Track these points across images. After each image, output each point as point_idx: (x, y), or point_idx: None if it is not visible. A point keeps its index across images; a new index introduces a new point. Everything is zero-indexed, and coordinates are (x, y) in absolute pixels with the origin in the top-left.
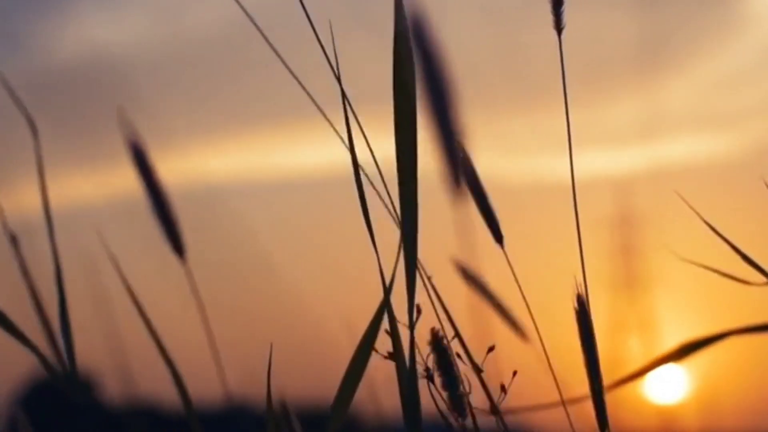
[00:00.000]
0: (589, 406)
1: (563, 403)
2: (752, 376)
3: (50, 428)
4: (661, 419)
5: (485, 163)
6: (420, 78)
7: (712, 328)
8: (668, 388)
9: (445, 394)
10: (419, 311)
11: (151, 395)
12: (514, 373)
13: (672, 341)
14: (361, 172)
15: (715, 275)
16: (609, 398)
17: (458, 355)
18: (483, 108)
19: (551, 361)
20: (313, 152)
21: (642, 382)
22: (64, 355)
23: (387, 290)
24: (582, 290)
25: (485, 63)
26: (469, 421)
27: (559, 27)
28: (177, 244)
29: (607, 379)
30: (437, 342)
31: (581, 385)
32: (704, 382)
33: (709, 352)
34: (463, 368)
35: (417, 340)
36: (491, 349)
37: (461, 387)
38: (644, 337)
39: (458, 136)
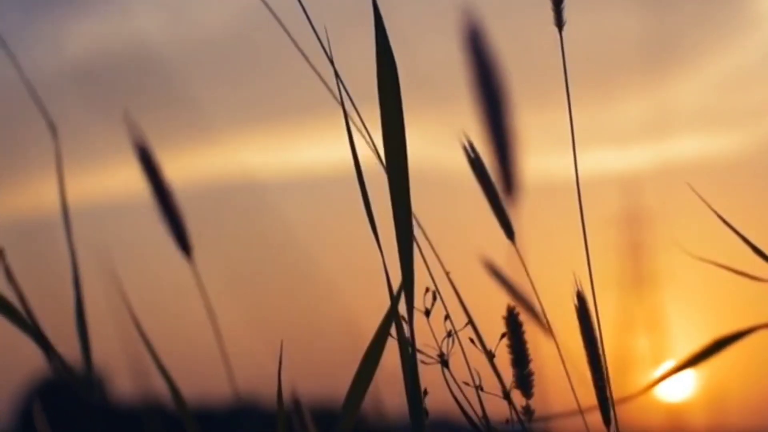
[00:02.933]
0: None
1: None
2: (760, 374)
3: (59, 427)
4: (668, 417)
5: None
6: (473, 80)
7: (722, 325)
8: (676, 385)
9: (512, 372)
10: (435, 298)
11: (164, 393)
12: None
13: (681, 339)
14: (362, 170)
15: (724, 273)
16: (616, 397)
17: (471, 341)
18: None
19: (564, 358)
20: (326, 148)
21: (650, 379)
22: (81, 355)
23: (395, 297)
24: (582, 287)
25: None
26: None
27: (560, 24)
28: (184, 243)
29: (615, 377)
30: (512, 318)
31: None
32: (712, 379)
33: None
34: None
35: (433, 328)
36: (504, 335)
37: (530, 366)
38: (653, 335)
39: (510, 137)
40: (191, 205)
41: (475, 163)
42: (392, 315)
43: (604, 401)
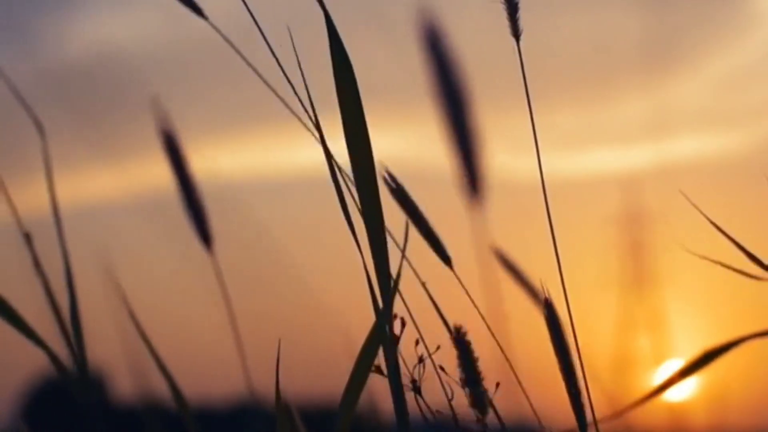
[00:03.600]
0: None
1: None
2: (761, 373)
3: (61, 427)
4: (669, 416)
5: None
6: (433, 80)
7: (721, 325)
8: (677, 384)
9: (466, 391)
10: (403, 324)
11: (165, 393)
12: (497, 384)
13: (681, 339)
14: (338, 173)
15: (724, 273)
16: (617, 395)
17: (441, 368)
18: (489, 105)
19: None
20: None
21: (651, 379)
22: (76, 355)
23: (378, 305)
24: (549, 294)
25: (490, 59)
26: (490, 418)
27: (516, 33)
28: (205, 234)
29: (615, 377)
30: (460, 338)
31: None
32: (712, 378)
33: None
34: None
35: (402, 353)
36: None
37: (482, 384)
38: (653, 335)
39: (474, 138)
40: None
41: (396, 192)
42: (383, 317)
43: (579, 409)
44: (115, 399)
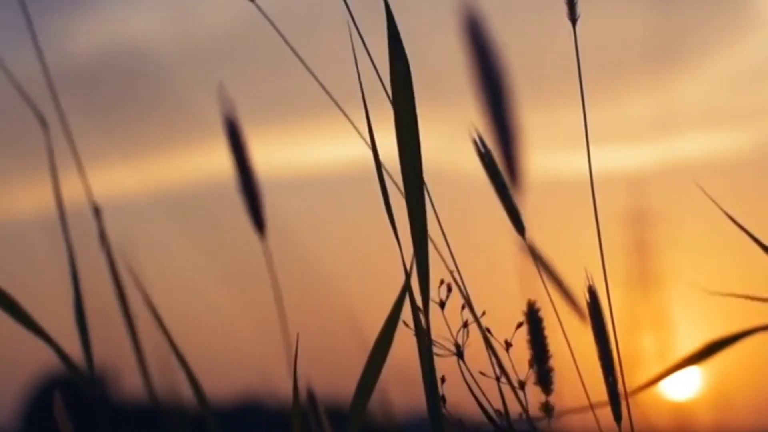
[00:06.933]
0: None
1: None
2: (766, 372)
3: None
4: (674, 415)
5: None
6: (475, 74)
7: (727, 324)
8: (682, 384)
9: (533, 368)
10: (450, 289)
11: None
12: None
13: (686, 337)
14: (383, 167)
15: (729, 272)
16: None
17: (488, 330)
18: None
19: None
20: (331, 148)
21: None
22: (82, 353)
23: (408, 273)
24: (593, 282)
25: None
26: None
27: (573, 17)
28: (259, 220)
29: (621, 374)
30: (533, 313)
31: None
32: (717, 378)
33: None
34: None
35: (448, 319)
36: (520, 325)
37: (550, 362)
38: (659, 333)
39: (515, 130)
40: (193, 203)
41: (485, 157)
42: (401, 304)
43: (615, 397)
44: (122, 397)
